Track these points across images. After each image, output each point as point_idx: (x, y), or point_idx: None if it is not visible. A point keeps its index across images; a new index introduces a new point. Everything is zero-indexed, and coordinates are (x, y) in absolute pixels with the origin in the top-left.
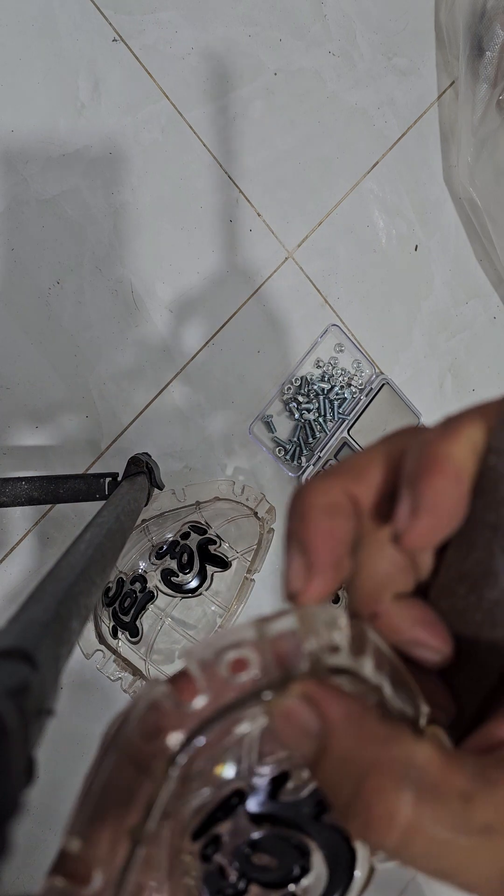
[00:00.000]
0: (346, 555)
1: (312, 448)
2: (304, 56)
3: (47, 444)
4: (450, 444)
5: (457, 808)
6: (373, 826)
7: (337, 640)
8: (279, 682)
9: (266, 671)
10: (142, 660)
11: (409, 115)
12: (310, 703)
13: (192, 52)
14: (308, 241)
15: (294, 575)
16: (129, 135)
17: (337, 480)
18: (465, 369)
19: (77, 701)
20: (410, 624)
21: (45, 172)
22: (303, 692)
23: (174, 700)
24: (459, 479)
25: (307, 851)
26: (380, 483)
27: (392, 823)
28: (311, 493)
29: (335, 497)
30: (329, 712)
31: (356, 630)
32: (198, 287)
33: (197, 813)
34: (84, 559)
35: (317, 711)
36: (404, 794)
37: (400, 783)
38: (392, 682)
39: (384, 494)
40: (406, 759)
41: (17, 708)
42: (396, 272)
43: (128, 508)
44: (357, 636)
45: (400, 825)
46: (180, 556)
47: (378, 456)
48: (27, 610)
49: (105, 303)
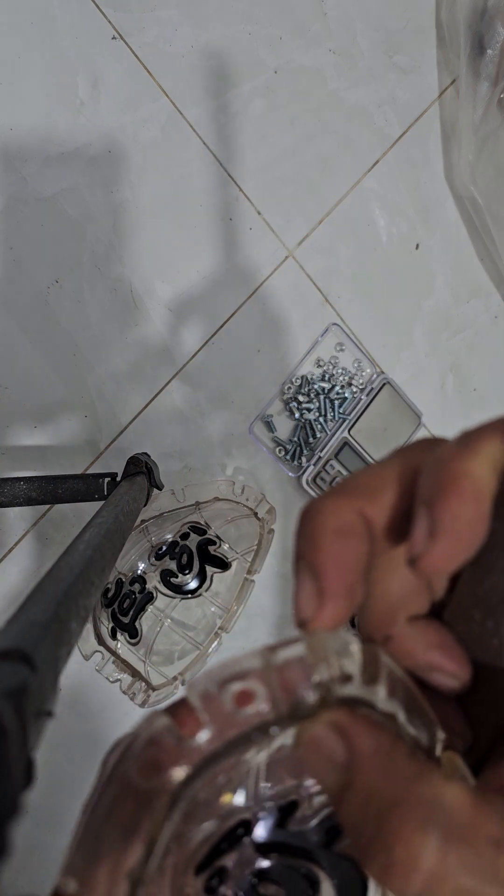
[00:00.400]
0: (359, 579)
1: (313, 448)
2: (305, 54)
3: (46, 444)
4: (469, 462)
5: (487, 855)
6: (394, 870)
7: (349, 668)
8: (288, 716)
9: (274, 704)
10: (141, 661)
11: (409, 114)
12: (339, 733)
13: (192, 51)
14: (308, 240)
15: (304, 601)
16: (128, 133)
17: (349, 500)
18: (466, 369)
19: (76, 702)
20: (425, 647)
21: (43, 171)
22: (333, 720)
23: (175, 734)
24: (479, 499)
25: (317, 881)
26: (394, 502)
27: (415, 868)
28: (322, 513)
29: (347, 518)
30: (358, 744)
31: (369, 655)
32: (197, 286)
33: (201, 846)
34: (83, 560)
35: (345, 742)
36: (430, 837)
37: (426, 824)
38: (406, 708)
39: (398, 513)
40: (434, 799)
41: (15, 709)
42: (397, 271)
43: (127, 509)
44: (370, 661)
45: (423, 871)
46: (180, 556)
47: (391, 473)
48: (26, 611)
49: (104, 302)
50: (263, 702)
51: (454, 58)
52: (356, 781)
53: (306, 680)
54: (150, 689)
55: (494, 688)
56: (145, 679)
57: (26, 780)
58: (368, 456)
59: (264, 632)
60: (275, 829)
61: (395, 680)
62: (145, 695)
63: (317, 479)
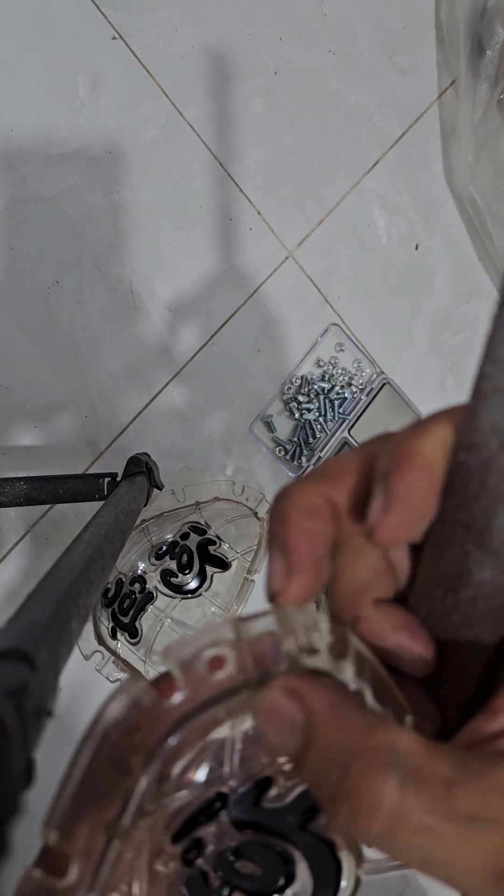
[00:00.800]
0: (325, 555)
1: (313, 448)
2: (305, 55)
3: (46, 444)
4: (420, 441)
5: (440, 794)
6: (358, 812)
7: (316, 642)
8: (256, 681)
9: (243, 670)
10: (141, 661)
11: (409, 114)
12: (294, 696)
13: (192, 51)
14: (308, 240)
15: (275, 575)
16: (128, 133)
17: (315, 484)
18: (466, 368)
19: (76, 702)
20: (392, 628)
21: (44, 171)
22: (285, 686)
23: (152, 697)
24: (430, 472)
25: (291, 860)
26: (355, 486)
27: (377, 808)
28: (291, 495)
29: (313, 499)
30: (312, 704)
31: (338, 634)
32: (197, 286)
33: (178, 814)
34: (83, 560)
35: (301, 704)
36: (389, 779)
37: (384, 768)
38: (374, 688)
39: (360, 496)
40: (390, 746)
41: (16, 709)
42: (397, 271)
43: (127, 509)
44: (338, 640)
45: (385, 810)
46: (180, 556)
47: (353, 460)
48: (26, 611)
49: (104, 302)
50: (234, 667)
51: (454, 58)
52: (315, 738)
53: (275, 649)
54: None
55: (457, 666)
56: (145, 679)
57: (26, 779)
58: None
59: None
60: (250, 806)
61: (362, 659)
62: None
63: None
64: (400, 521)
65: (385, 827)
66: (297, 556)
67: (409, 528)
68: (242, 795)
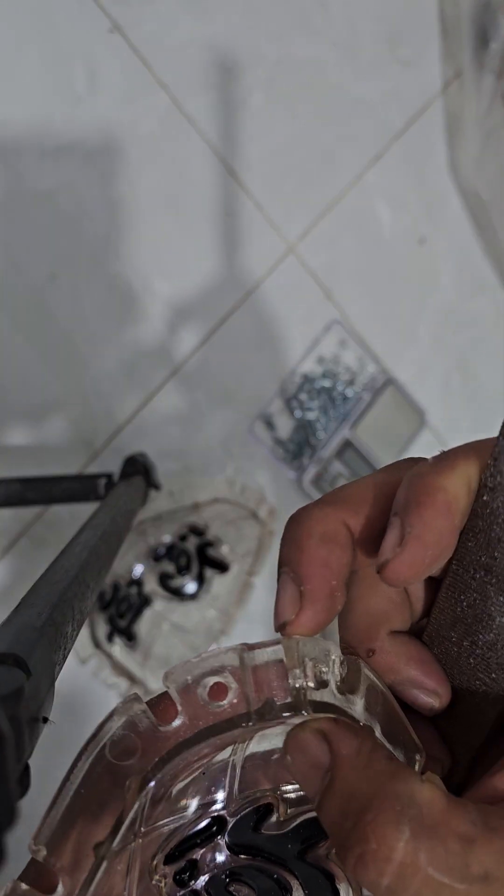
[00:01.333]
0: (340, 586)
1: (314, 448)
2: (306, 47)
3: (41, 444)
4: (443, 477)
5: (456, 850)
6: (368, 860)
7: (325, 675)
8: (258, 713)
9: (246, 700)
10: (138, 665)
11: (412, 107)
12: (323, 738)
13: (191, 43)
14: (310, 235)
15: (285, 604)
16: (126, 127)
17: (334, 509)
18: (472, 366)
19: (72, 708)
20: (407, 662)
21: (39, 165)
22: (318, 727)
23: (150, 720)
24: (450, 512)
25: (288, 889)
26: (374, 515)
27: (388, 859)
28: (306, 520)
29: (331, 526)
30: (340, 748)
31: (350, 666)
32: (196, 282)
33: (172, 836)
34: (79, 562)
35: (328, 747)
36: (403, 830)
37: (399, 818)
38: (383, 724)
39: (377, 526)
40: (408, 796)
41: (10, 715)
42: (401, 266)
43: (124, 510)
44: (351, 672)
45: (396, 862)
46: (178, 558)
47: (372, 486)
48: (20, 614)
49: (101, 298)
50: (236, 697)
51: (457, 50)
52: (337, 781)
53: (281, 680)
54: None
55: (471, 708)
56: (143, 684)
57: (21, 787)
58: (372, 456)
59: (266, 636)
60: (249, 831)
61: (374, 693)
62: None
63: (318, 480)
64: (413, 559)
65: (395, 879)
66: (310, 585)
67: (423, 568)
68: (241, 820)
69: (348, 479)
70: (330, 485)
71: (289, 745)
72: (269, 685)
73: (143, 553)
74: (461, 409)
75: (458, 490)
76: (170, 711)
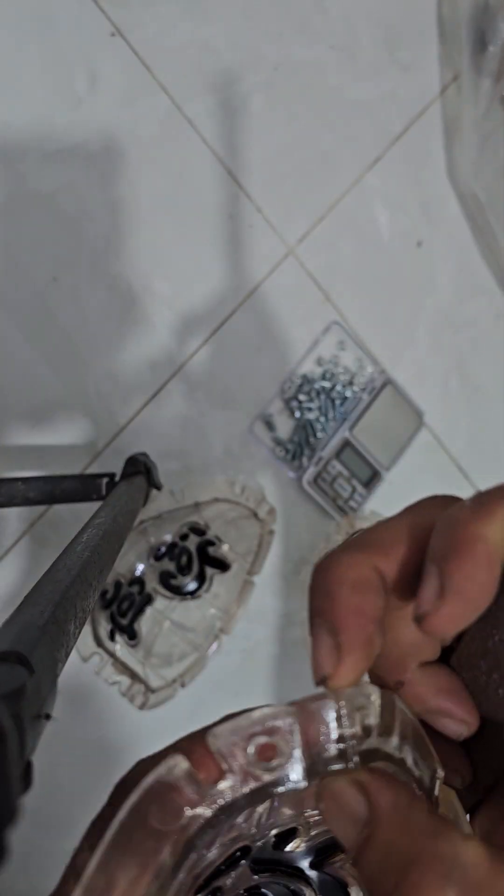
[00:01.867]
0: (376, 632)
1: (314, 448)
2: (305, 50)
3: (43, 444)
4: (484, 526)
5: None
6: None
7: (369, 721)
8: (306, 771)
9: (293, 759)
10: (140, 663)
11: (411, 110)
12: (360, 788)
13: (191, 46)
14: (309, 237)
15: (323, 656)
16: (126, 129)
17: (365, 555)
18: (469, 367)
19: (74, 705)
20: (436, 693)
21: (41, 167)
22: (354, 777)
23: (195, 781)
24: (492, 564)
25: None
26: (406, 557)
27: None
28: (336, 567)
29: (364, 573)
30: (378, 801)
31: (386, 701)
32: (197, 284)
33: (204, 871)
34: (81, 561)
35: (366, 799)
36: (447, 893)
37: (445, 881)
38: (414, 752)
39: (410, 568)
40: (452, 856)
41: (13, 712)
42: (399, 268)
43: (125, 509)
44: (386, 708)
45: None
46: (179, 557)
47: (404, 528)
48: (23, 613)
49: (102, 300)
50: (285, 758)
51: (456, 54)
52: (376, 836)
53: (327, 737)
54: (148, 692)
55: (497, 734)
56: (144, 681)
57: (24, 783)
58: (370, 456)
59: (265, 634)
60: (270, 852)
61: (406, 726)
62: (144, 697)
63: (317, 480)
64: (453, 612)
65: None
66: (346, 635)
67: (463, 620)
68: (264, 845)
69: (347, 478)
70: (329, 484)
71: (324, 794)
72: (318, 742)
73: (144, 552)
74: (459, 410)
75: (499, 538)
76: (215, 771)
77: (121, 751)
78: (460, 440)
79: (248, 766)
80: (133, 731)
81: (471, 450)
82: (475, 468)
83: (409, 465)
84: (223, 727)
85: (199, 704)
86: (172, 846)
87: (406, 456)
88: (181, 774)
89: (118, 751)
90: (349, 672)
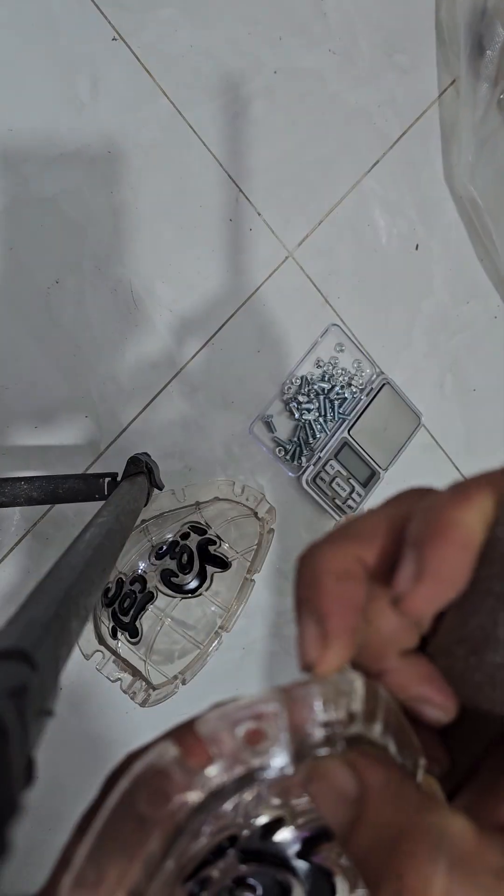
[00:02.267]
0: (359, 620)
1: (313, 448)
2: (305, 55)
3: (46, 444)
4: (460, 511)
5: (489, 883)
6: None
7: (353, 707)
8: (293, 755)
9: (281, 745)
10: (141, 660)
11: (409, 114)
12: (350, 768)
13: (192, 51)
14: (308, 241)
15: (309, 645)
16: (128, 134)
17: (347, 545)
18: (465, 369)
19: (76, 701)
20: (417, 681)
21: (44, 171)
22: (345, 757)
23: (184, 767)
24: (467, 547)
25: (289, 887)
26: (386, 546)
27: (425, 894)
28: (321, 557)
29: (347, 562)
30: (368, 778)
31: (370, 690)
32: (197, 286)
33: (191, 860)
34: (83, 559)
35: (356, 777)
36: (439, 865)
37: (434, 853)
38: (396, 740)
39: (389, 557)
40: (441, 829)
41: (16, 709)
42: (397, 271)
43: (127, 509)
44: (370, 697)
45: None
46: (180, 556)
47: (385, 518)
48: (26, 610)
49: (105, 302)
50: (272, 742)
51: (454, 58)
52: (367, 813)
53: (314, 722)
54: (150, 689)
55: (473, 719)
56: (145, 678)
57: (27, 779)
58: (368, 456)
59: (264, 631)
60: (258, 842)
61: (389, 713)
62: (146, 694)
63: (316, 480)
64: (430, 594)
65: None
66: (331, 623)
67: (438, 601)
68: (252, 834)
69: (346, 478)
70: (328, 484)
71: (312, 775)
72: (304, 727)
73: (145, 551)
74: (455, 410)
75: (475, 524)
76: (204, 756)
77: (122, 747)
78: (456, 440)
79: (237, 750)
80: (134, 727)
81: (467, 450)
82: (471, 468)
83: (406, 464)
84: (211, 714)
85: (200, 701)
86: (161, 832)
87: (403, 456)
88: (170, 760)
89: (120, 747)
90: (334, 658)
